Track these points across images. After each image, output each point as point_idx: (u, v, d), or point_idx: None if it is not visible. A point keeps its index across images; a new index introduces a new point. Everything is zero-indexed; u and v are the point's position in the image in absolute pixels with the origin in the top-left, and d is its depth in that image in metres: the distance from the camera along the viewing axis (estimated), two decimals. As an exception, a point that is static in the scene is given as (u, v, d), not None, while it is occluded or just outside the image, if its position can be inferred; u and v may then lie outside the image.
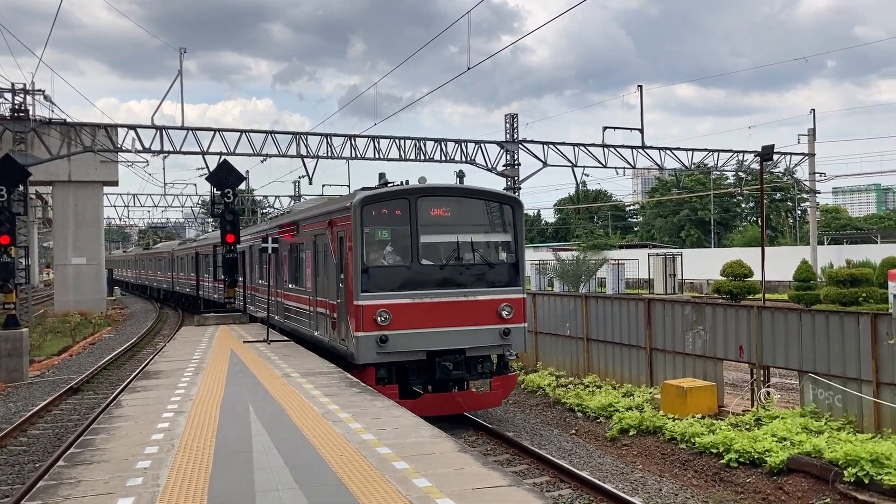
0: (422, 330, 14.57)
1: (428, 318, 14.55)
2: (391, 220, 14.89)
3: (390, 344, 14.37)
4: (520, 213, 15.83)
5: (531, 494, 7.04)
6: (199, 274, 39.92)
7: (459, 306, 14.80)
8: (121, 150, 36.28)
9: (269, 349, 18.52)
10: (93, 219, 46.17)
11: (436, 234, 15.09)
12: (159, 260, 57.55)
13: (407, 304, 14.59)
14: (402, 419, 10.36)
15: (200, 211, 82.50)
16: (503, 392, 15.99)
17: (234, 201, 28.23)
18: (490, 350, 15.32)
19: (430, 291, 14.68)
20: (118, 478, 7.78)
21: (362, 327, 14.36)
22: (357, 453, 8.53)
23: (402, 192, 15.02)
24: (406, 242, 14.81)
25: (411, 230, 14.77)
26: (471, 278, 15.12)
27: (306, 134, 38.53)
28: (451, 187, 15.97)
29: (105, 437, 9.69)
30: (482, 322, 14.97)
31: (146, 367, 17.55)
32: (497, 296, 15.17)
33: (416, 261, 14.81)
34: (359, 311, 14.43)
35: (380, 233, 14.87)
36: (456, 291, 14.87)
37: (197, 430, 9.90)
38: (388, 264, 14.87)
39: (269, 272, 23.76)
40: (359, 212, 14.55)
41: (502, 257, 15.73)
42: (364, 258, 14.56)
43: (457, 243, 15.18)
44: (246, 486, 7.44)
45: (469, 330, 14.87)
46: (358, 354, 14.49)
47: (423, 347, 14.63)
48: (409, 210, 14.77)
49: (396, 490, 7.17)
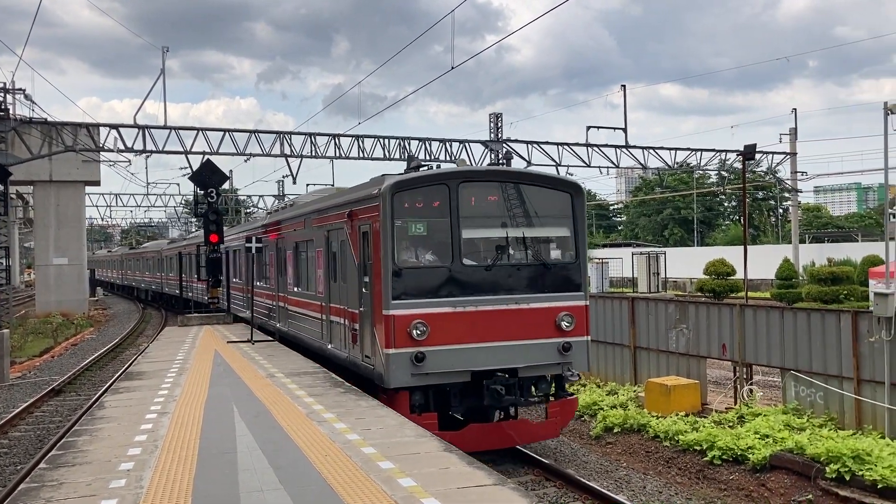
0: (465, 345, 12.11)
1: (472, 331, 12.13)
2: (427, 210, 12.39)
3: (428, 363, 11.85)
4: (581, 202, 13.20)
5: (516, 493, 7.06)
6: (192, 275, 37.31)
7: (510, 316, 12.35)
8: (103, 149, 36.05)
9: (253, 349, 18.45)
10: (74, 219, 45.80)
11: (481, 227, 12.73)
12: (147, 260, 55.63)
13: (447, 314, 12.10)
14: (387, 419, 10.36)
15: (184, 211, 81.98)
16: (562, 420, 13.27)
17: (217, 201, 28.13)
18: (547, 369, 12.79)
19: (475, 298, 12.21)
20: (101, 480, 7.73)
21: (394, 342, 11.82)
22: (342, 453, 8.52)
23: (440, 177, 12.50)
24: (445, 238, 12.31)
25: (451, 223, 12.26)
26: (523, 282, 12.63)
27: (290, 133, 38.45)
28: (499, 170, 13.56)
29: (87, 438, 9.62)
30: (537, 335, 12.50)
31: (129, 369, 17.46)
32: (555, 303, 12.68)
33: (457, 260, 12.27)
34: (389, 323, 11.87)
35: (414, 226, 12.35)
36: (505, 298, 12.40)
37: (181, 431, 9.85)
38: (423, 265, 12.41)
39: (252, 272, 23.64)
40: (389, 201, 12.01)
41: (560, 256, 13.26)
42: (395, 258, 12.05)
43: (506, 239, 12.67)
44: (230, 487, 7.41)
45: (522, 345, 12.39)
46: (388, 376, 11.86)
47: (468, 367, 12.14)
48: (448, 198, 12.28)
49: (381, 490, 7.17)
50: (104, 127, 35.68)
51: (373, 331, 12.47)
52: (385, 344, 11.91)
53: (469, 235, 12.50)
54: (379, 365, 12.19)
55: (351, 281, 13.65)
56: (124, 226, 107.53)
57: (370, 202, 12.63)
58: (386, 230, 12.00)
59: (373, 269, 12.45)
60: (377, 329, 12.26)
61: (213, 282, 27.15)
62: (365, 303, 12.89)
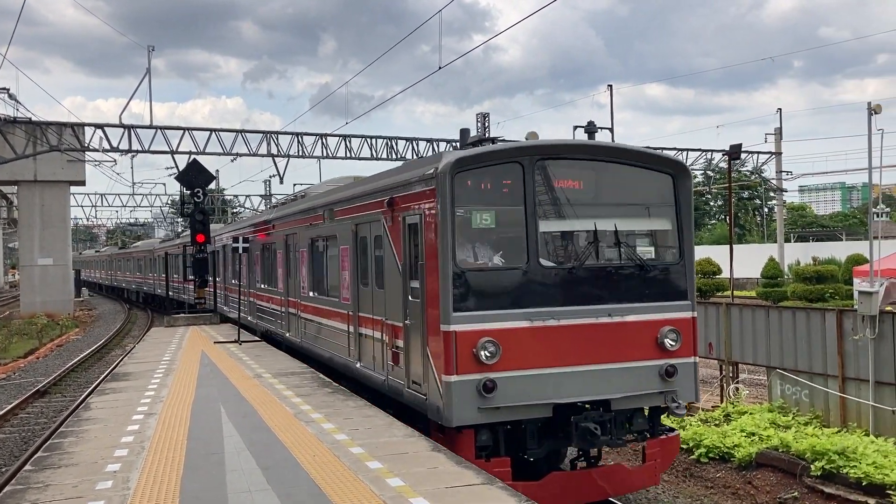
0: (546, 370, 9.53)
1: (554, 352, 9.58)
2: (495, 196, 9.80)
3: (499, 394, 9.24)
4: (686, 187, 10.56)
5: (505, 492, 7.07)
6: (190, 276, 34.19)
7: (601, 332, 9.78)
8: (88, 149, 35.87)
9: (240, 350, 18.39)
10: (59, 219, 45.50)
11: (563, 218, 10.05)
12: (138, 260, 52.65)
13: (523, 330, 9.48)
14: (375, 419, 10.35)
15: (170, 211, 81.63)
16: (663, 463, 10.55)
17: (204, 201, 28.04)
18: (646, 400, 10.12)
19: (557, 310, 9.61)
20: (87, 481, 7.69)
21: (456, 367, 9.19)
22: (330, 453, 8.51)
23: (512, 153, 9.82)
24: (517, 232, 9.72)
25: (526, 212, 9.66)
26: (616, 288, 10.05)
27: (277, 133, 38.39)
28: (585, 144, 10.81)
29: (73, 440, 9.57)
30: (634, 356, 9.93)
31: (115, 370, 17.37)
32: (656, 315, 10.10)
33: (533, 261, 9.64)
34: (450, 342, 9.23)
35: (479, 217, 9.66)
36: (595, 309, 9.79)
37: (168, 432, 9.81)
38: (492, 266, 9.73)
39: (241, 272, 23.55)
40: (449, 183, 9.35)
41: (661, 254, 10.62)
42: (457, 257, 9.41)
43: (594, 233, 10.02)
44: (218, 488, 7.39)
45: (615, 369, 9.81)
46: (449, 410, 9.18)
47: (550, 398, 9.50)
48: (522, 181, 9.72)
49: (370, 490, 7.17)
50: (89, 126, 35.51)
51: (425, 351, 9.83)
52: (444, 369, 9.27)
53: (548, 228, 9.95)
54: (434, 395, 9.55)
55: (391, 286, 11.04)
56: (110, 226, 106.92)
57: (421, 186, 10.01)
58: (445, 221, 9.37)
59: (425, 271, 9.83)
60: (431, 348, 9.66)
61: (199, 282, 27.03)
62: (412, 314, 10.30)
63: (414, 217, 10.22)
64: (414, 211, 10.24)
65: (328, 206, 14.61)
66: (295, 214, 17.44)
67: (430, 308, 9.67)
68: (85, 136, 35.60)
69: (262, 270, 21.27)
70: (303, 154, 38.15)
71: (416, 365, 10.21)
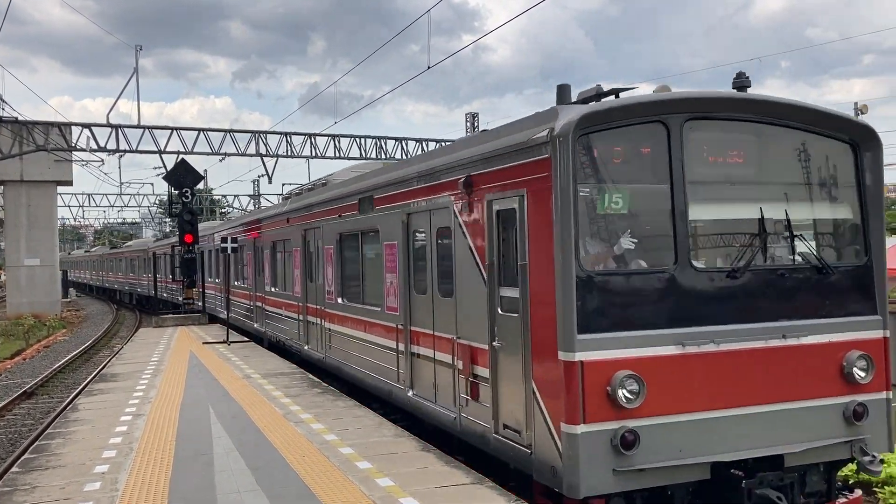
0: (704, 414, 6.88)
1: (714, 388, 6.92)
2: (631, 169, 7.16)
3: (643, 449, 6.63)
4: (876, 160, 7.84)
5: (494, 492, 7.08)
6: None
7: (772, 360, 7.15)
8: (75, 148, 35.67)
9: (229, 350, 18.34)
10: (46, 219, 45.19)
11: (720, 201, 7.48)
12: (132, 260, 49.56)
13: (674, 359, 6.86)
14: (364, 419, 10.35)
15: (158, 211, 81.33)
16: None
17: (192, 201, 27.96)
18: (828, 453, 7.37)
19: (717, 329, 6.97)
20: (75, 483, 7.66)
21: (583, 413, 6.58)
22: (319, 454, 8.50)
23: (653, 108, 7.11)
24: (661, 221, 7.13)
25: (673, 192, 7.04)
26: (790, 299, 7.36)
27: (265, 133, 38.29)
28: (748, 100, 7.56)
29: (61, 441, 9.53)
30: (813, 392, 7.30)
31: (103, 370, 17.29)
32: (840, 334, 7.45)
33: (683, 261, 6.98)
34: (574, 377, 6.62)
35: (610, 198, 7.01)
36: (764, 328, 7.13)
37: (156, 433, 9.78)
38: (632, 270, 7.00)
39: (231, 272, 23.46)
40: (571, 149, 6.71)
41: (841, 252, 7.91)
42: (582, 255, 6.78)
43: (760, 223, 7.31)
44: (207, 488, 7.37)
45: (790, 411, 7.18)
46: (574, 474, 6.58)
47: (708, 454, 6.88)
48: (667, 147, 7.08)
49: (360, 490, 7.16)
50: (76, 126, 35.30)
51: (528, 386, 7.22)
52: (565, 415, 6.62)
53: (701, 216, 7.27)
54: (546, 450, 6.93)
55: (467, 294, 8.51)
56: (97, 226, 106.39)
57: (524, 156, 7.33)
58: (565, 204, 6.67)
59: (528, 275, 7.27)
60: (540, 384, 7.05)
61: (187, 283, 26.96)
62: (506, 333, 7.70)
63: (508, 201, 7.62)
64: (508, 192, 7.57)
65: (365, 192, 12.02)
66: (318, 205, 14.68)
67: (540, 327, 7.05)
68: (72, 136, 35.41)
69: (271, 271, 18.80)
70: (292, 154, 38.09)
71: (511, 403, 7.57)
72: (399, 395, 10.46)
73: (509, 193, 7.56)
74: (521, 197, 7.33)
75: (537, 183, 7.07)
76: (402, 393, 10.32)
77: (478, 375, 8.23)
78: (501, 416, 7.76)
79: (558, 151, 6.70)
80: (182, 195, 27.57)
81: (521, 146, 7.30)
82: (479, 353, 8.20)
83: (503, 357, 7.75)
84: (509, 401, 7.61)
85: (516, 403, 7.45)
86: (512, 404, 7.55)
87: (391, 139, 39.78)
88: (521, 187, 7.36)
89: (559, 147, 6.70)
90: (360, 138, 39.22)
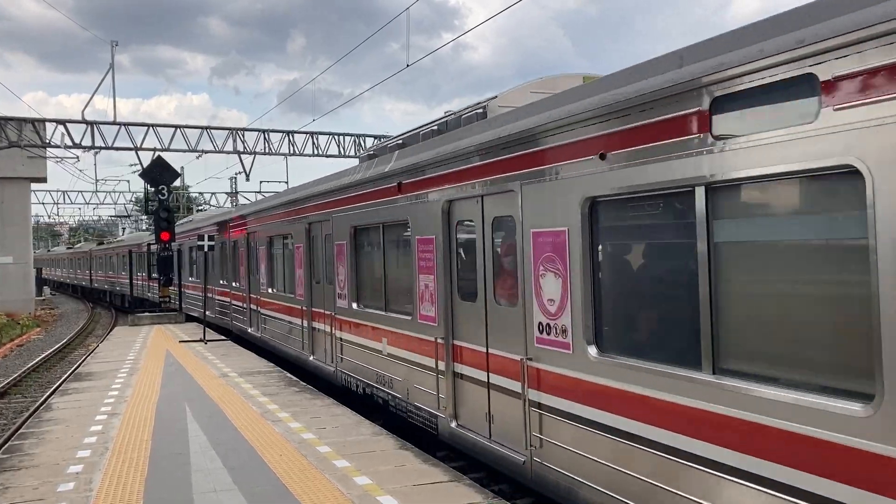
0: None
1: None
2: None
3: None
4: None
5: (472, 490, 7.09)
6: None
7: None
8: (49, 145, 35.18)
9: (206, 349, 18.21)
10: (20, 216, 44.61)
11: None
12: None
13: None
14: (342, 417, 10.32)
15: (134, 208, 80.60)
16: None
17: (168, 198, 27.73)
18: None
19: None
20: (48, 483, 7.57)
21: None
22: (297, 452, 8.46)
23: None
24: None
25: None
26: None
27: (243, 130, 38.01)
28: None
29: (34, 441, 9.41)
30: None
31: (78, 369, 17.10)
32: None
33: None
34: None
35: None
36: None
37: (132, 432, 9.69)
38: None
39: (205, 271, 23.30)
40: None
41: None
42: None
43: None
44: (183, 488, 7.31)
45: None
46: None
47: None
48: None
49: (337, 488, 7.14)
50: (51, 122, 34.85)
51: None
52: None
53: None
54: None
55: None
56: (73, 224, 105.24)
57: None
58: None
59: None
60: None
61: (163, 280, 26.76)
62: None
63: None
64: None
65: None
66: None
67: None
68: (46, 133, 34.94)
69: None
70: (269, 151, 37.86)
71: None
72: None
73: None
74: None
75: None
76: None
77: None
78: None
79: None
80: (158, 192, 27.32)
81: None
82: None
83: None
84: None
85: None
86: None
87: (370, 137, 39.69)
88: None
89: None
90: (338, 136, 39.11)
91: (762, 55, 4.59)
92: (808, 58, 4.32)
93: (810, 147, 4.31)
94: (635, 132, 5.70)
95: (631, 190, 5.76)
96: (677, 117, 5.29)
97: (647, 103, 5.55)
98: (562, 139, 6.60)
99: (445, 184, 8.64)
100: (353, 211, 11.68)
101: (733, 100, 4.84)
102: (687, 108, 5.20)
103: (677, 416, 5.25)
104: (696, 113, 5.14)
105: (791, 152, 4.43)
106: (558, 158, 6.64)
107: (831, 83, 4.20)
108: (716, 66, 4.94)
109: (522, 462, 7.08)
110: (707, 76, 4.99)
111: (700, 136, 5.09)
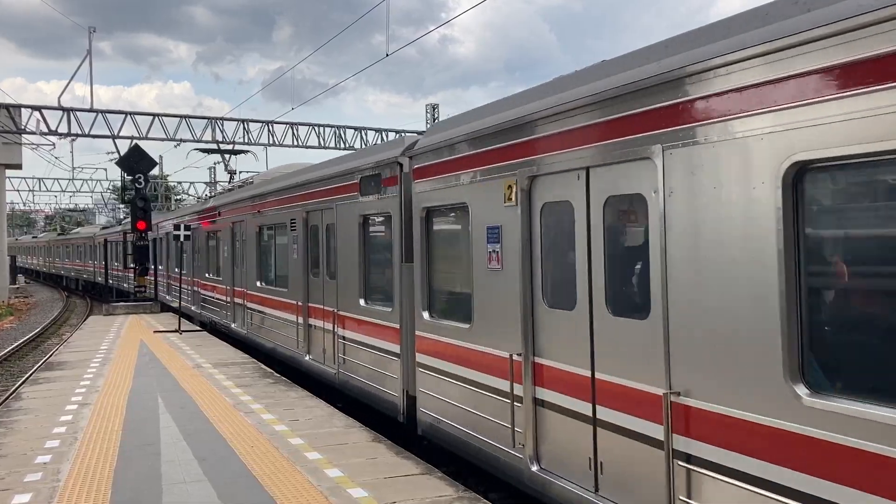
0: None
1: None
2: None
3: None
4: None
5: (443, 482, 7.09)
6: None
7: None
8: (24, 131, 34.71)
9: (180, 339, 18.08)
10: (-6, 203, 44.06)
11: None
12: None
13: None
14: (316, 409, 10.29)
15: (111, 197, 79.79)
16: None
17: (145, 187, 27.48)
18: None
19: None
20: (15, 473, 7.48)
21: None
22: (269, 444, 8.43)
23: None
24: None
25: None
26: None
27: (222, 119, 37.73)
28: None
29: (2, 431, 9.31)
30: None
31: (50, 358, 16.93)
32: None
33: None
34: None
35: None
36: None
37: (102, 422, 9.61)
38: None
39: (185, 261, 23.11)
40: None
41: None
42: None
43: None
44: (153, 478, 7.25)
45: None
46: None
47: None
48: None
49: (308, 481, 7.12)
50: (26, 108, 34.37)
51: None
52: None
53: None
54: None
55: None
56: (49, 211, 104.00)
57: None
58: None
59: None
60: None
61: (139, 269, 26.55)
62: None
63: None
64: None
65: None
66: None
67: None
68: (22, 118, 34.47)
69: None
70: (249, 141, 37.59)
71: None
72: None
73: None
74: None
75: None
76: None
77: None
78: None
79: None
80: (135, 181, 27.06)
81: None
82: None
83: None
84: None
85: None
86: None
87: (350, 128, 39.54)
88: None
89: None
90: (318, 127, 38.91)
91: None
92: None
93: None
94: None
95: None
96: None
97: None
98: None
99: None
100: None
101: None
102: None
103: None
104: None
105: None
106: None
107: None
108: None
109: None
110: None
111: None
